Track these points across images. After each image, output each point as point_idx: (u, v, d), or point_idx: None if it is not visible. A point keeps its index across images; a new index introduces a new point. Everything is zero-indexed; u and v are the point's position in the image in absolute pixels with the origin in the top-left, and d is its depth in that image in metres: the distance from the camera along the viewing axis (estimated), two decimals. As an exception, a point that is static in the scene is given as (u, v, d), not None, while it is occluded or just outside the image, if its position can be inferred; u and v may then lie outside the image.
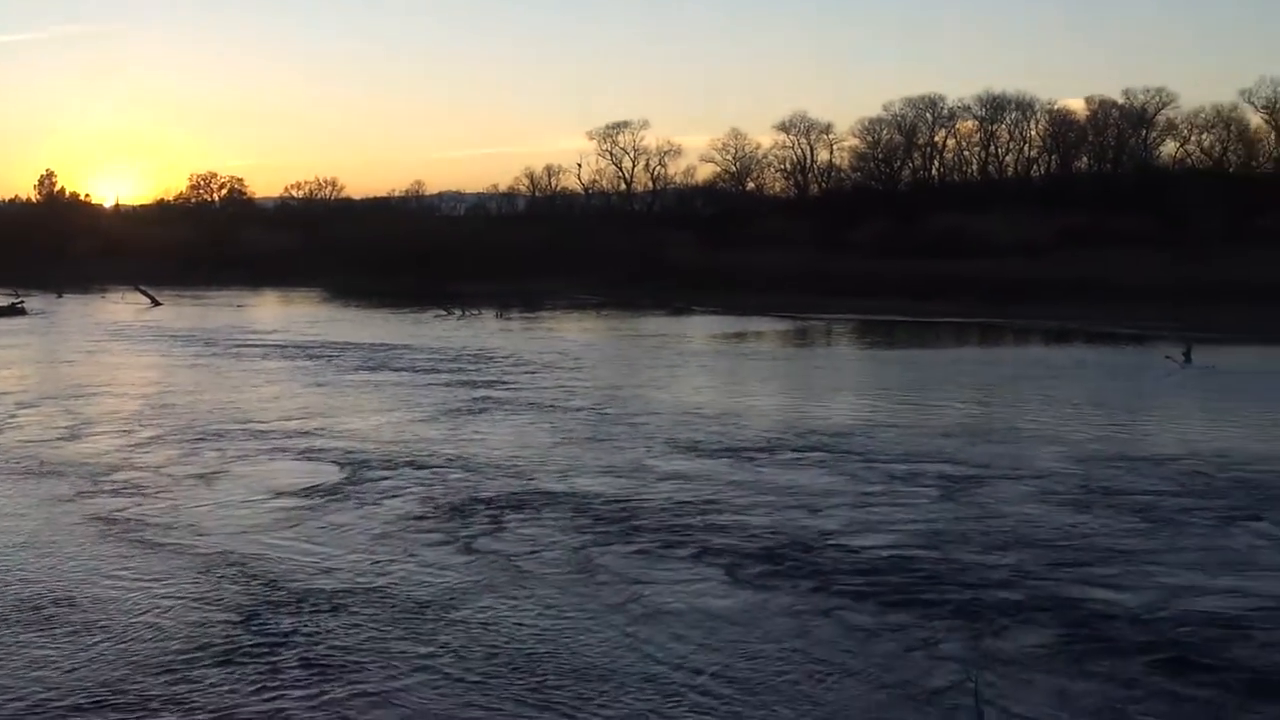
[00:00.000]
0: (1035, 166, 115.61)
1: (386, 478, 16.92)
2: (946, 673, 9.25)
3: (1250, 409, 24.52)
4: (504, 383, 28.87)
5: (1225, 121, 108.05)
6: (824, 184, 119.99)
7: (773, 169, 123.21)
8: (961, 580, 11.69)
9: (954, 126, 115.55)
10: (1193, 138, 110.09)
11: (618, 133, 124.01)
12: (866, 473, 17.18)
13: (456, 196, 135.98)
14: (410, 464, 17.97)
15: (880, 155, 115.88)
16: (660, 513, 14.68)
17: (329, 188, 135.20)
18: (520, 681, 9.12)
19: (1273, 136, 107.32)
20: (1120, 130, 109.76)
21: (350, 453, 18.94)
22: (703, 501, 15.32)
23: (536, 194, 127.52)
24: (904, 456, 18.51)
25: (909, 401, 25.62)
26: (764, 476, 16.96)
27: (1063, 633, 10.17)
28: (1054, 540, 13.28)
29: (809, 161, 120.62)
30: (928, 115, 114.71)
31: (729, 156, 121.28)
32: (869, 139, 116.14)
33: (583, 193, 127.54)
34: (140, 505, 15.15)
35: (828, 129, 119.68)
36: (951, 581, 11.65)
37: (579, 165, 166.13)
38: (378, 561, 12.50)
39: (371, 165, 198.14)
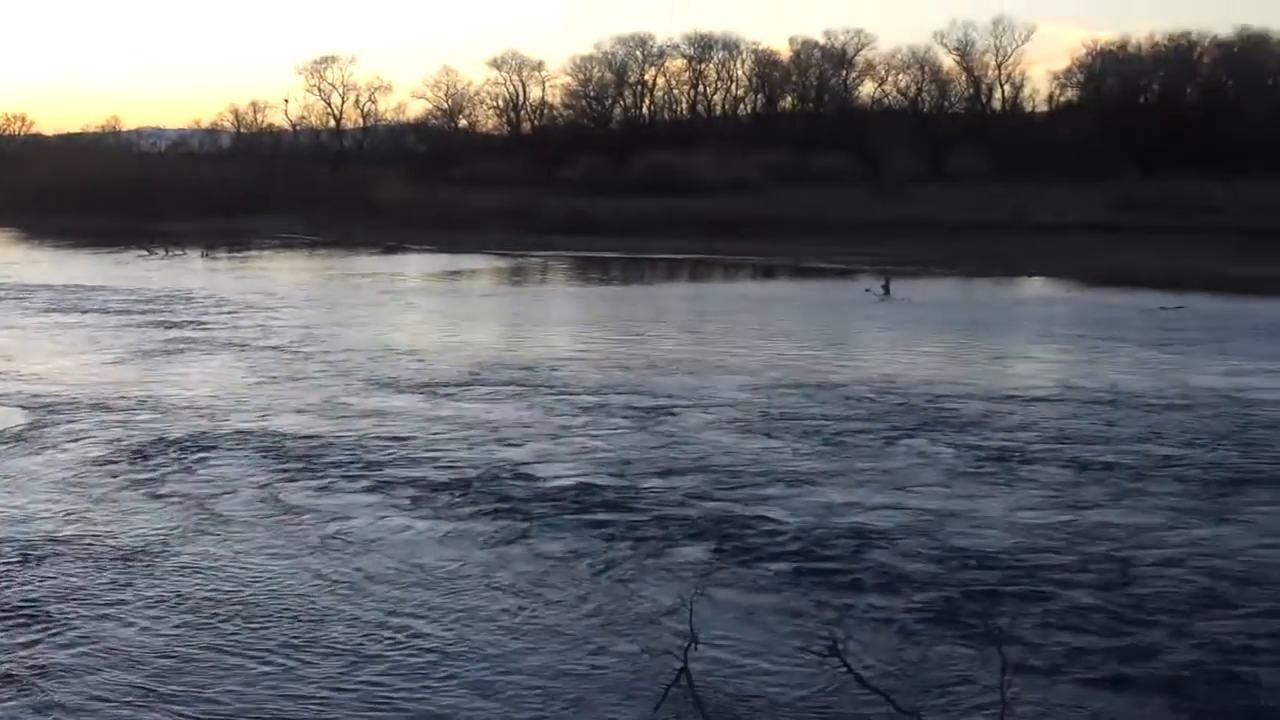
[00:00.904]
0: (742, 105, 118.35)
1: (74, 422, 16.44)
2: (646, 598, 9.61)
3: (939, 337, 25.90)
4: (203, 323, 28.23)
5: (920, 63, 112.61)
6: (536, 121, 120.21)
7: (485, 106, 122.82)
8: (649, 507, 12.12)
9: (663, 65, 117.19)
10: (890, 78, 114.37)
11: (325, 67, 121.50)
12: (561, 405, 17.56)
13: (156, 133, 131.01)
14: (100, 407, 17.50)
15: (592, 93, 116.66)
16: (357, 449, 14.72)
17: (18, 123, 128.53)
18: (236, 628, 9.04)
19: (964, 78, 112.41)
20: (822, 70, 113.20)
21: (36, 397, 18.32)
22: (400, 437, 15.42)
23: (242, 131, 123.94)
24: (600, 388, 18.96)
25: (612, 336, 26.15)
26: (461, 411, 17.15)
27: (744, 553, 10.69)
28: (734, 465, 13.88)
29: (521, 99, 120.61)
30: (638, 53, 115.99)
31: (441, 93, 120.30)
32: (581, 77, 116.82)
33: (291, 129, 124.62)
34: None
35: (539, 66, 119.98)
36: (640, 508, 12.07)
37: (286, 101, 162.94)
38: (70, 510, 12.18)
39: (63, 100, 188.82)
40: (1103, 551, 10.59)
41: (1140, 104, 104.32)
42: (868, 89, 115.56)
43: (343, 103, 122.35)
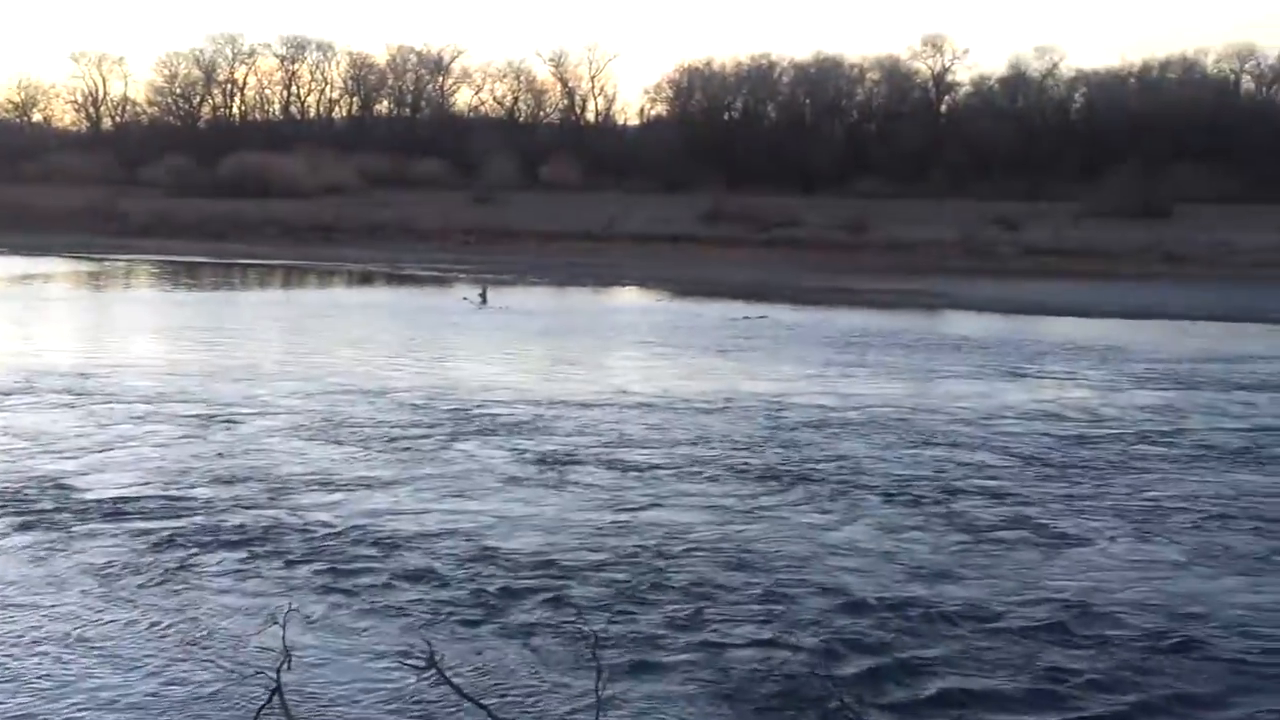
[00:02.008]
0: (337, 109, 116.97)
1: None
2: (223, 615, 9.15)
3: (522, 345, 26.20)
4: None
5: (516, 73, 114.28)
6: (119, 118, 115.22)
7: (62, 100, 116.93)
8: (209, 519, 11.65)
9: (255, 64, 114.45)
10: (487, 87, 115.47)
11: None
12: (116, 414, 16.70)
13: None
14: None
15: (179, 91, 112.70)
16: (-120, 465, 13.55)
17: None
18: None
19: (559, 89, 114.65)
20: (419, 76, 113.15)
21: None
22: (-68, 451, 14.31)
23: None
24: (160, 396, 18.19)
25: (185, 344, 25.23)
26: (4, 422, 16.06)
27: (313, 563, 10.40)
28: (292, 473, 13.55)
29: (102, 94, 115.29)
30: (228, 51, 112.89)
31: (12, 85, 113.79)
32: (167, 73, 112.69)
33: None
34: None
35: (120, 61, 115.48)
36: (199, 520, 11.56)
37: None
38: None
39: None
40: (659, 551, 10.86)
41: (725, 120, 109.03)
42: (465, 97, 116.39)
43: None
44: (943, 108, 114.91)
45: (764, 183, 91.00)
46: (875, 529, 11.71)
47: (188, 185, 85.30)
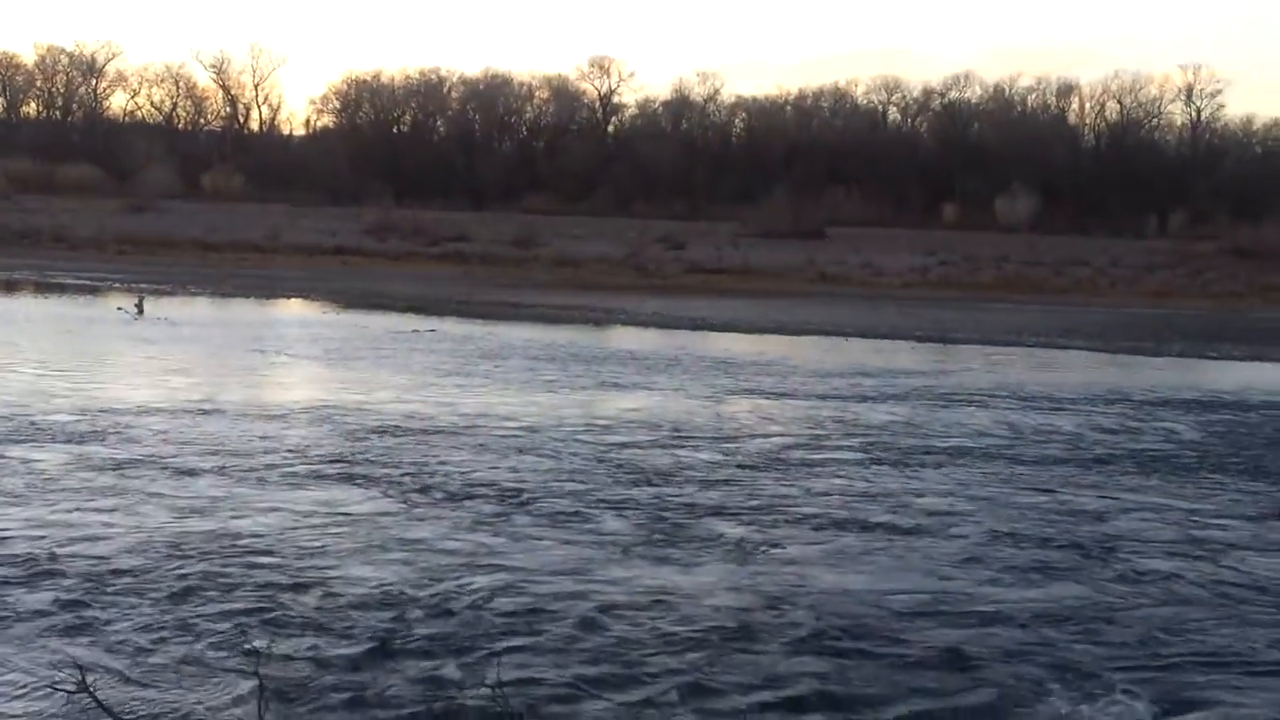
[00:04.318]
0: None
1: None
2: None
3: (146, 353, 25.28)
4: None
5: (175, 78, 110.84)
6: None
7: None
8: None
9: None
10: (144, 91, 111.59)
11: None
12: None
13: None
14: None
15: None
16: None
17: None
18: None
19: (221, 96, 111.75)
20: (70, 78, 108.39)
21: None
22: None
23: None
24: None
25: None
26: None
27: None
28: None
29: None
30: None
31: None
32: None
33: None
34: None
35: None
36: None
37: None
38: None
39: None
40: (180, 554, 10.75)
41: (394, 134, 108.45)
42: (120, 101, 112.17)
43: None
44: (610, 128, 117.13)
45: (433, 197, 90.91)
46: (406, 528, 11.92)
47: None
